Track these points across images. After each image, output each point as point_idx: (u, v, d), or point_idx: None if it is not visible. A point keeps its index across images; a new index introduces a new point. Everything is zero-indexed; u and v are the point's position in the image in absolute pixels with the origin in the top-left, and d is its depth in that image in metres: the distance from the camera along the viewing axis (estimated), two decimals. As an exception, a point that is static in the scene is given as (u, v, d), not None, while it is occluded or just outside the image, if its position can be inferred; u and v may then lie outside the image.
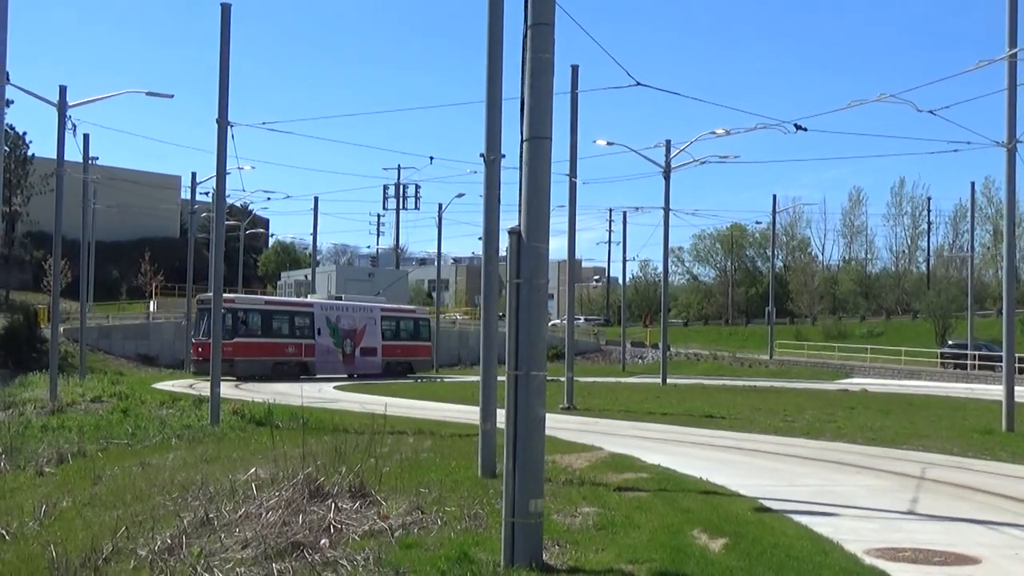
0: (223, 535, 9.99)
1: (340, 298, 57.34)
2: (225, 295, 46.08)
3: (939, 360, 62.92)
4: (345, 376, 52.42)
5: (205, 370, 44.96)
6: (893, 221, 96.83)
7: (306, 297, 59.54)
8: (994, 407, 27.62)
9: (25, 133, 66.03)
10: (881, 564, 8.53)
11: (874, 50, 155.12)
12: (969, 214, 72.07)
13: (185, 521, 10.59)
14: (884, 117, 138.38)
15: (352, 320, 53.96)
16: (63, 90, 31.52)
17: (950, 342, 65.79)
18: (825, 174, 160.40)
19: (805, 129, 28.75)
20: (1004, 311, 24.76)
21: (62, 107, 31.38)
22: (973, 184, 69.26)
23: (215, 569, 8.84)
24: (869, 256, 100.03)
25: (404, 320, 58.23)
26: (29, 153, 65.47)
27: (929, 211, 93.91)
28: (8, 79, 22.08)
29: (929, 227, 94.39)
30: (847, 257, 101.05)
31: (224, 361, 39.86)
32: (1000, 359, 28.95)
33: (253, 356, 48.02)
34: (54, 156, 32.89)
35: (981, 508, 11.94)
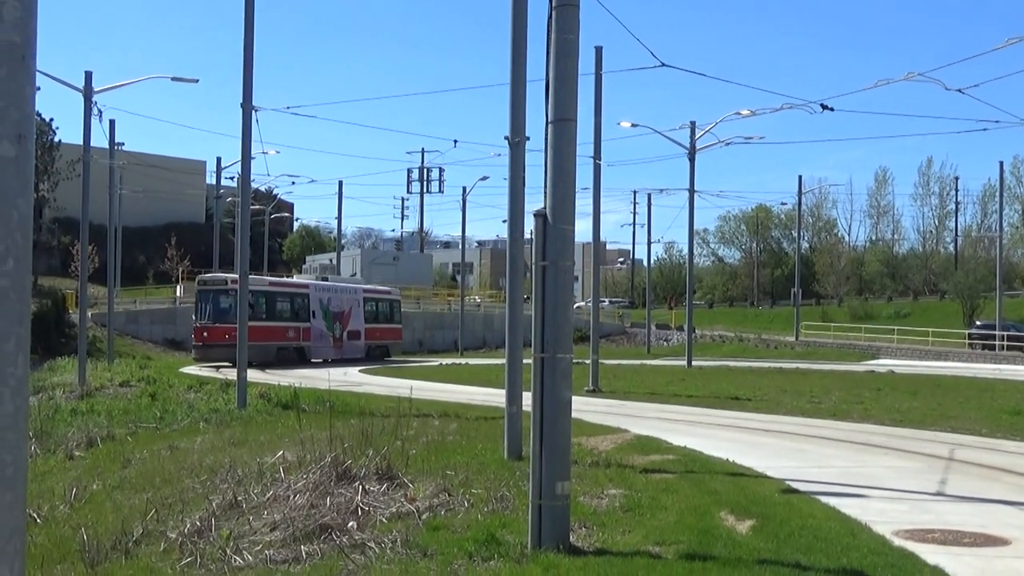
0: (252, 518, 10.05)
1: (326, 279, 55.38)
2: (229, 275, 44.35)
3: (967, 341, 62.49)
4: (322, 361, 49.23)
5: (207, 356, 43.36)
6: (920, 201, 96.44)
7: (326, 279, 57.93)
8: (1023, 387, 27.42)
9: (52, 119, 66.34)
10: (910, 545, 8.48)
11: (902, 28, 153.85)
12: (998, 193, 71.53)
13: (214, 504, 10.66)
14: (912, 96, 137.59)
15: (340, 302, 51.85)
16: (88, 76, 31.65)
17: (978, 323, 65.27)
18: (851, 154, 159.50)
19: (832, 109, 28.63)
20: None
21: (88, 93, 31.51)
22: (1002, 163, 68.85)
23: (244, 551, 8.90)
24: (896, 237, 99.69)
25: (382, 302, 56.28)
26: (55, 139, 65.76)
27: (957, 191, 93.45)
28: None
29: (957, 207, 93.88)
30: (874, 238, 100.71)
31: (227, 347, 37.48)
32: (1029, 339, 28.71)
33: (261, 341, 42.78)
34: (80, 142, 33.06)
35: (1011, 489, 11.85)
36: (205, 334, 44.15)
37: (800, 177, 74.93)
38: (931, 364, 52.52)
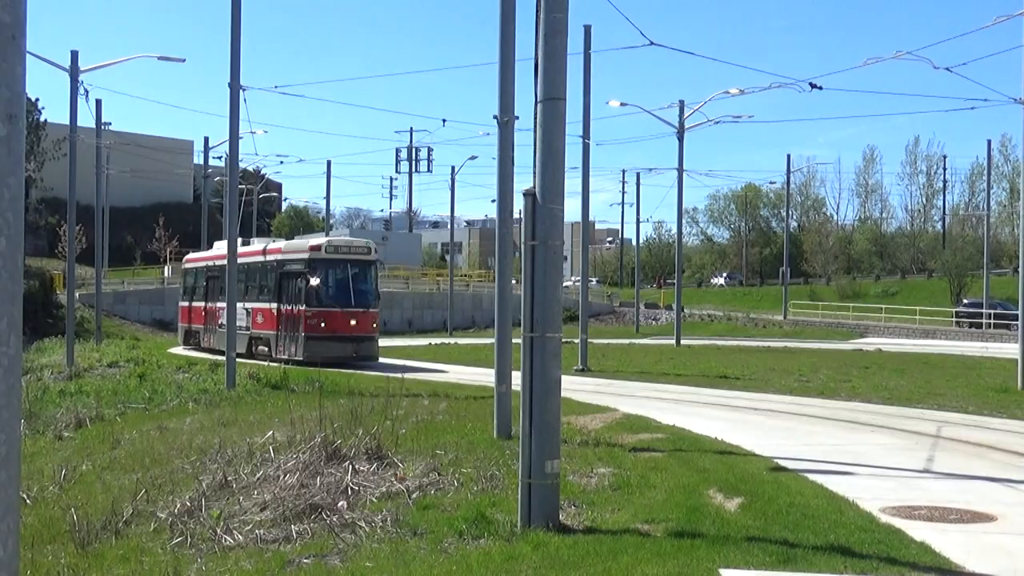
0: (242, 497, 10.07)
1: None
2: (368, 241, 35.08)
3: (954, 319, 62.75)
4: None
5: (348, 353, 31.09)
6: (908, 180, 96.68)
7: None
8: (1009, 366, 27.56)
9: (38, 99, 66.01)
10: (897, 522, 8.55)
11: (891, 7, 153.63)
12: (985, 172, 71.74)
13: (204, 484, 10.68)
14: (900, 75, 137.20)
15: None
16: (75, 55, 31.43)
17: (965, 301, 65.52)
18: (840, 133, 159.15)
19: (820, 88, 28.57)
20: (1020, 269, 24.64)
21: (74, 72, 31.30)
22: (989, 142, 69.15)
23: (234, 531, 8.92)
24: (884, 215, 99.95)
25: None
26: (42, 119, 65.42)
27: (945, 169, 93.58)
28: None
29: (945, 186, 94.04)
30: (862, 216, 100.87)
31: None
32: (1016, 317, 28.87)
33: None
34: (66, 122, 32.86)
35: (997, 466, 11.93)
36: (353, 322, 31.43)
37: (788, 156, 75.06)
38: (919, 342, 52.74)
